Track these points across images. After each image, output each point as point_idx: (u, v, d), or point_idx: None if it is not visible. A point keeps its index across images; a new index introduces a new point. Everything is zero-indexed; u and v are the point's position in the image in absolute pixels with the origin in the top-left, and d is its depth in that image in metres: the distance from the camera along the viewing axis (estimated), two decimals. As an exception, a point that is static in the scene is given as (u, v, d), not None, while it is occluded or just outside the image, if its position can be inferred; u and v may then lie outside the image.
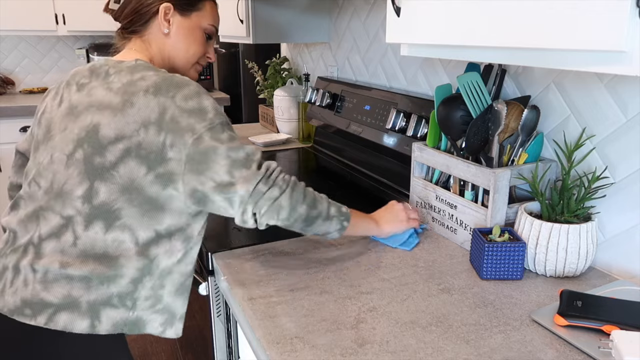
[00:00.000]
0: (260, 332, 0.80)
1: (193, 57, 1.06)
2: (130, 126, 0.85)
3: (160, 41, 1.02)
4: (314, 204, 0.93)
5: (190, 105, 0.87)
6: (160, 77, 0.89)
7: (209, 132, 0.86)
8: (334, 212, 0.97)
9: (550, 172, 1.07)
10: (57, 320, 0.83)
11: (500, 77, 1.13)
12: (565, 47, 0.64)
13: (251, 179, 0.85)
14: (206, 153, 0.85)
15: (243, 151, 0.87)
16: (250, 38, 1.96)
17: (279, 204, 0.88)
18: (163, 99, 0.86)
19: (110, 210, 0.85)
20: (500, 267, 0.95)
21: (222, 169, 0.85)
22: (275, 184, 0.88)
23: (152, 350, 2.31)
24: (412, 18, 0.91)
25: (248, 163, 0.87)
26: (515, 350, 0.75)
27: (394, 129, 1.43)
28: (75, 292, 0.84)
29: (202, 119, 0.86)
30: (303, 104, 2.10)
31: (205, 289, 1.11)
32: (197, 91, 0.89)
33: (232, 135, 0.89)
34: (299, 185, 0.92)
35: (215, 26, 1.08)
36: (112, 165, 0.85)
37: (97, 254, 0.85)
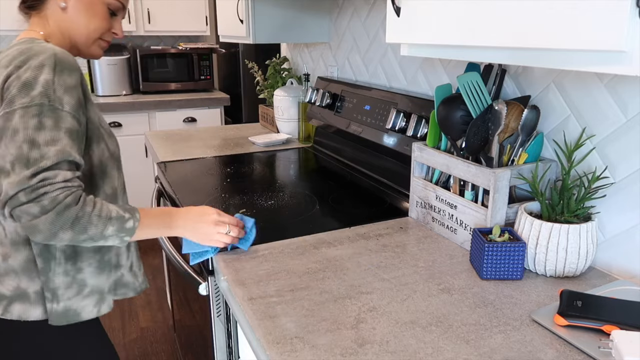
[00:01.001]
0: (260, 332, 0.80)
1: (94, 33, 1.01)
2: None
3: (58, 16, 0.98)
4: (84, 229, 0.84)
5: (26, 76, 0.83)
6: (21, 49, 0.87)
7: (22, 111, 0.81)
8: (111, 232, 0.88)
9: (550, 172, 1.07)
10: (12, 311, 0.89)
11: (500, 77, 1.13)
12: (565, 47, 0.64)
13: (17, 184, 0.79)
14: (6, 130, 0.82)
15: (38, 150, 0.81)
16: (250, 38, 1.96)
17: (35, 225, 0.80)
18: (11, 68, 0.84)
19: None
20: (500, 267, 0.95)
21: (8, 155, 0.81)
22: (38, 201, 0.80)
23: (152, 350, 2.31)
24: (412, 18, 0.91)
25: (30, 164, 0.80)
26: (515, 350, 0.75)
27: (394, 129, 1.43)
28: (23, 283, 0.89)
29: (25, 94, 0.82)
30: (303, 104, 2.10)
31: (205, 289, 1.11)
32: (43, 63, 0.84)
33: (44, 123, 0.82)
34: (68, 211, 0.82)
35: (120, 1, 1.03)
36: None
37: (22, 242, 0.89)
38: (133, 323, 2.51)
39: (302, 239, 1.15)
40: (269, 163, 1.82)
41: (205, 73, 3.57)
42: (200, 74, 3.56)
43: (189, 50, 3.48)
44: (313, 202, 1.40)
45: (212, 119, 3.42)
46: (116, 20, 1.05)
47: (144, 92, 3.46)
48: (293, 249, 1.10)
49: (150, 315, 2.57)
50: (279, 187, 1.54)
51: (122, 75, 3.37)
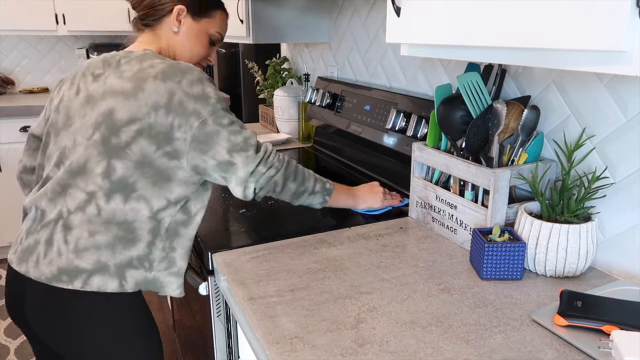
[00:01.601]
0: (260, 332, 0.80)
1: (196, 58, 1.16)
2: (142, 109, 0.95)
3: (169, 37, 1.11)
4: (302, 181, 1.08)
5: (195, 91, 0.96)
6: (167, 64, 0.98)
7: (212, 117, 0.96)
8: (318, 189, 1.12)
9: (550, 172, 1.07)
10: (91, 283, 0.95)
11: (500, 77, 1.13)
12: (565, 47, 0.64)
13: (251, 162, 0.98)
14: (209, 135, 0.96)
15: (241, 135, 0.99)
16: (250, 38, 1.96)
17: (275, 181, 1.02)
18: (170, 84, 0.96)
19: (127, 184, 0.96)
20: (500, 267, 0.95)
21: (223, 150, 0.97)
22: (272, 165, 1.01)
23: (152, 350, 2.30)
24: (412, 18, 0.91)
25: (246, 147, 0.98)
26: (515, 350, 0.75)
27: (394, 129, 1.43)
28: (103, 257, 0.96)
29: (206, 104, 0.96)
30: (303, 104, 2.10)
31: (205, 289, 1.11)
32: (200, 78, 0.99)
33: (232, 119, 1.00)
34: (291, 165, 1.07)
35: (221, 34, 1.18)
36: (126, 145, 0.95)
37: (118, 222, 0.97)
38: (133, 323, 2.50)
39: (302, 239, 1.15)
40: (269, 163, 1.82)
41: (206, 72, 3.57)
42: (201, 74, 3.56)
43: (189, 50, 3.48)
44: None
45: (212, 119, 3.41)
46: (212, 50, 1.20)
47: (144, 92, 3.46)
48: (293, 249, 1.10)
49: (150, 315, 2.57)
50: (279, 187, 1.54)
51: (122, 75, 3.37)
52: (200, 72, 1.01)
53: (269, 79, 2.42)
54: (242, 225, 1.24)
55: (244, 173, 0.98)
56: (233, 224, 1.25)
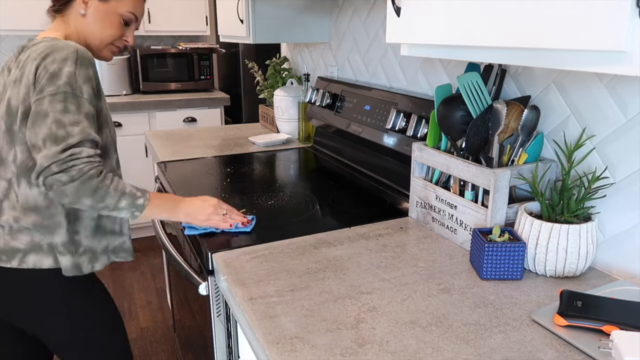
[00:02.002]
0: (260, 332, 0.80)
1: (107, 39, 1.16)
2: (22, 91, 1.00)
3: (77, 21, 1.13)
4: (102, 199, 1.01)
5: (52, 68, 0.98)
6: (47, 45, 1.01)
7: (50, 97, 0.97)
8: (124, 205, 1.05)
9: (550, 172, 1.07)
10: (27, 261, 1.04)
11: (500, 77, 1.13)
12: (565, 47, 0.64)
13: (50, 157, 0.96)
14: (38, 114, 0.98)
15: (64, 129, 0.97)
16: (250, 38, 1.96)
17: (64, 190, 0.98)
18: (39, 60, 0.99)
19: (26, 168, 1.02)
20: (500, 267, 0.95)
21: (40, 134, 0.97)
22: (68, 172, 0.96)
23: (152, 350, 2.31)
24: (412, 18, 0.91)
25: (59, 141, 0.97)
26: (515, 350, 0.75)
27: (394, 129, 1.43)
28: (36, 238, 1.04)
29: (52, 83, 0.98)
30: (303, 104, 2.10)
31: (205, 289, 1.11)
32: (66, 58, 0.99)
33: (68, 108, 0.98)
34: (91, 181, 0.99)
35: (134, 13, 1.17)
36: (19, 129, 1.01)
37: (32, 207, 1.03)
38: (133, 323, 2.51)
39: (302, 239, 1.15)
40: (269, 163, 1.82)
41: (205, 73, 3.57)
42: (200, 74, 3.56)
43: (189, 50, 3.48)
44: (313, 202, 1.40)
45: (212, 119, 3.42)
46: (129, 30, 1.19)
47: (144, 92, 3.46)
48: (293, 249, 1.10)
49: (150, 315, 2.57)
50: (279, 187, 1.54)
51: (122, 75, 3.37)
52: (73, 52, 1.00)
53: (269, 79, 2.42)
54: (242, 225, 1.24)
55: (39, 165, 0.97)
56: (233, 224, 1.25)
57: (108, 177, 1.03)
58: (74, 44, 1.03)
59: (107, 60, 1.21)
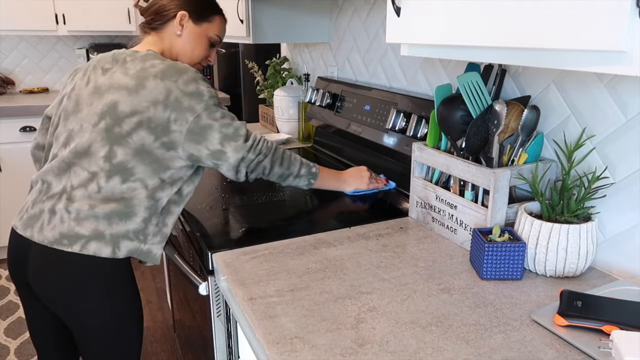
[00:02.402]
0: (260, 332, 0.80)
1: (196, 58, 1.28)
2: (142, 104, 1.06)
3: (172, 40, 1.24)
4: (288, 166, 1.22)
5: (190, 89, 1.08)
6: (166, 65, 1.10)
7: (206, 112, 1.08)
8: (303, 172, 1.26)
9: (550, 172, 1.07)
10: (88, 248, 1.07)
11: (500, 77, 1.13)
12: (565, 47, 0.64)
13: (240, 149, 1.11)
14: (203, 128, 1.08)
15: (232, 127, 1.11)
16: (250, 38, 1.96)
17: (263, 165, 1.17)
18: (168, 82, 1.07)
19: (126, 168, 1.08)
20: (500, 267, 0.95)
21: (215, 141, 1.09)
22: (260, 151, 1.15)
23: (152, 350, 2.31)
24: (412, 18, 0.91)
25: (236, 137, 1.11)
26: (515, 350, 0.75)
27: (394, 129, 1.43)
28: (101, 227, 1.08)
29: (199, 100, 1.08)
30: (303, 104, 2.10)
31: (205, 289, 1.12)
32: (195, 77, 1.11)
33: (223, 113, 1.12)
34: (278, 151, 1.20)
35: (219, 37, 1.30)
36: (127, 134, 1.07)
37: (116, 198, 1.09)
38: (133, 323, 2.50)
39: (302, 239, 1.15)
40: (269, 163, 1.82)
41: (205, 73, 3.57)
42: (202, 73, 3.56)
43: (189, 50, 3.47)
44: (313, 202, 1.40)
45: (212, 119, 3.41)
46: (212, 51, 1.32)
47: (144, 92, 3.46)
48: (293, 249, 1.10)
49: (150, 315, 2.57)
50: (279, 187, 1.54)
51: (122, 75, 3.37)
52: (195, 72, 1.12)
53: (269, 79, 2.42)
54: (242, 225, 1.24)
55: (235, 160, 1.11)
56: (233, 224, 1.25)
57: (285, 150, 1.23)
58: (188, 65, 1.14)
59: None
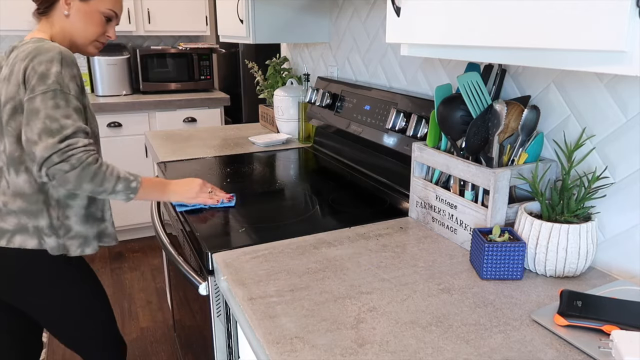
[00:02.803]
0: (260, 332, 0.80)
1: (91, 36, 1.25)
2: (12, 89, 1.10)
3: (61, 22, 1.22)
4: (101, 183, 1.13)
5: (41, 68, 1.08)
6: (34, 46, 1.10)
7: (41, 96, 1.07)
8: (120, 188, 1.17)
9: (550, 172, 1.07)
10: (14, 241, 1.13)
11: (500, 77, 1.13)
12: (565, 47, 0.64)
13: (49, 148, 1.05)
14: (31, 111, 1.07)
15: (58, 123, 1.07)
16: (250, 38, 1.96)
17: (66, 177, 1.08)
18: (27, 62, 1.09)
19: (14, 158, 1.13)
20: (500, 267, 0.95)
21: (35, 129, 1.06)
22: (68, 160, 1.06)
23: (152, 350, 2.31)
24: (412, 18, 0.91)
25: (55, 134, 1.06)
26: (515, 350, 0.75)
27: (394, 129, 1.43)
28: (22, 220, 1.13)
29: (42, 82, 1.07)
30: (303, 104, 2.10)
31: (205, 289, 1.11)
32: (52, 59, 1.08)
33: (58, 104, 1.07)
34: (90, 168, 1.10)
35: (114, 10, 1.26)
36: (7, 123, 1.12)
37: (20, 193, 1.13)
38: (133, 323, 2.51)
39: (302, 239, 1.15)
40: (269, 163, 1.82)
41: (205, 73, 3.57)
42: (200, 74, 3.56)
43: (189, 50, 3.48)
44: (313, 202, 1.40)
45: (212, 119, 3.42)
46: (110, 26, 1.28)
47: (144, 92, 3.46)
48: (293, 249, 1.10)
49: (150, 315, 2.57)
50: (279, 187, 1.54)
51: (122, 75, 3.37)
52: (58, 53, 1.09)
53: (269, 79, 2.42)
54: (242, 225, 1.24)
55: (40, 157, 1.05)
56: (233, 224, 1.25)
57: (104, 164, 1.13)
58: (58, 45, 1.12)
59: (93, 55, 1.32)
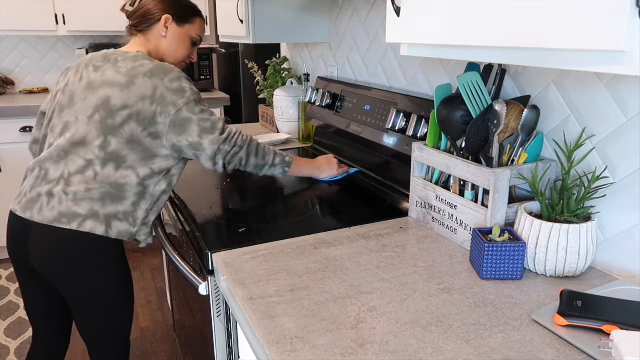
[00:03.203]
0: (260, 332, 0.80)
1: (180, 57, 1.41)
2: (132, 99, 1.20)
3: (158, 41, 1.36)
4: (263, 157, 1.33)
5: (174, 86, 1.22)
6: (154, 65, 1.25)
7: (186, 106, 1.22)
8: (278, 162, 1.36)
9: (550, 172, 1.07)
10: (85, 225, 1.20)
11: (500, 77, 1.13)
12: (565, 47, 0.64)
13: (216, 142, 1.24)
14: (184, 121, 1.22)
15: (210, 121, 1.24)
16: (250, 38, 1.96)
17: (239, 157, 1.28)
18: (155, 80, 1.21)
19: (119, 156, 1.21)
20: (500, 267, 0.95)
21: (194, 133, 1.22)
22: (236, 144, 1.27)
23: (152, 350, 2.31)
24: (412, 18, 0.91)
25: (213, 130, 1.24)
26: (515, 350, 0.75)
27: (394, 129, 1.43)
28: (96, 207, 1.20)
29: (182, 96, 1.22)
30: (303, 104, 2.10)
31: (205, 289, 1.11)
32: (179, 76, 1.25)
33: (203, 108, 1.25)
34: (252, 144, 1.32)
35: (200, 36, 1.43)
36: (120, 125, 1.20)
37: (110, 183, 1.21)
38: (133, 323, 2.51)
39: (302, 239, 1.15)
40: (269, 163, 1.82)
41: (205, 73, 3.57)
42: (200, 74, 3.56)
43: (189, 50, 3.47)
44: (313, 202, 1.40)
45: (212, 119, 3.41)
46: (194, 49, 1.45)
47: (144, 92, 3.46)
48: (293, 249, 1.10)
49: (150, 315, 2.57)
50: (279, 187, 1.54)
51: (122, 75, 3.36)
52: (179, 72, 1.26)
53: (269, 79, 2.42)
54: (242, 225, 1.24)
55: (211, 151, 1.23)
56: (233, 224, 1.25)
57: (259, 142, 1.34)
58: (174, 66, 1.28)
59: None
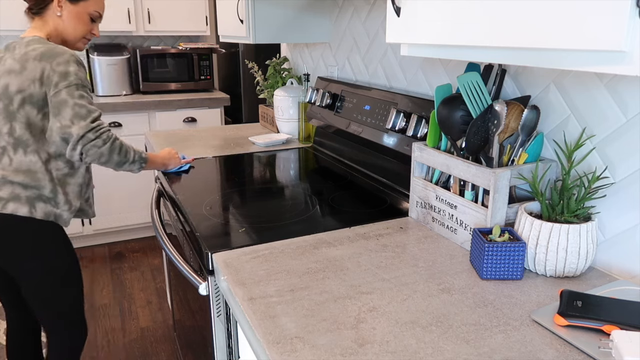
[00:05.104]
0: (260, 332, 0.80)
1: (80, 34, 1.47)
2: (25, 83, 1.30)
3: (54, 21, 1.42)
4: (125, 154, 1.42)
5: (60, 69, 1.30)
6: (46, 48, 1.32)
7: (66, 89, 1.29)
8: (137, 158, 1.47)
9: (550, 172, 1.07)
10: (7, 207, 1.31)
11: (500, 77, 1.13)
12: (565, 47, 0.64)
13: (83, 128, 1.30)
14: (60, 102, 1.29)
15: (85, 108, 1.31)
16: (250, 38, 1.96)
17: (101, 151, 1.35)
18: (44, 63, 1.30)
19: (22, 140, 1.31)
20: (500, 267, 0.95)
21: (67, 116, 1.29)
22: (100, 137, 1.33)
23: (152, 350, 2.31)
24: (412, 18, 0.91)
25: (86, 117, 1.31)
26: (515, 350, 0.75)
27: (394, 129, 1.43)
28: (17, 191, 1.32)
29: (64, 79, 1.29)
30: (303, 104, 2.10)
31: (205, 289, 1.11)
32: (68, 60, 1.31)
33: (83, 94, 1.32)
34: (117, 141, 1.39)
35: (98, 12, 1.49)
36: (17, 110, 1.31)
37: (24, 170, 1.31)
38: (133, 323, 2.51)
39: (302, 239, 1.15)
40: (269, 163, 1.82)
41: (205, 73, 3.57)
42: (200, 74, 3.56)
43: (189, 50, 3.48)
44: (313, 202, 1.40)
45: (212, 119, 3.42)
46: (95, 25, 1.51)
47: (144, 92, 3.46)
48: (293, 249, 1.10)
49: (150, 315, 2.57)
50: (279, 187, 1.54)
51: (122, 75, 3.37)
52: (70, 56, 1.32)
53: (269, 79, 2.42)
54: (242, 225, 1.24)
55: (76, 135, 1.29)
56: (233, 224, 1.25)
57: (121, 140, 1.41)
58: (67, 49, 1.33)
59: (80, 50, 1.54)
